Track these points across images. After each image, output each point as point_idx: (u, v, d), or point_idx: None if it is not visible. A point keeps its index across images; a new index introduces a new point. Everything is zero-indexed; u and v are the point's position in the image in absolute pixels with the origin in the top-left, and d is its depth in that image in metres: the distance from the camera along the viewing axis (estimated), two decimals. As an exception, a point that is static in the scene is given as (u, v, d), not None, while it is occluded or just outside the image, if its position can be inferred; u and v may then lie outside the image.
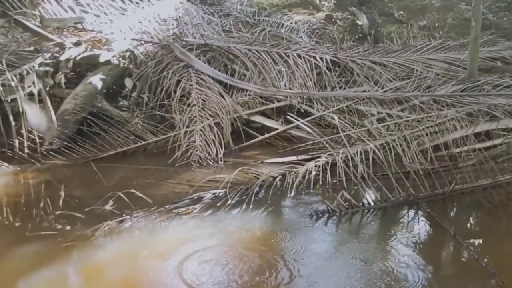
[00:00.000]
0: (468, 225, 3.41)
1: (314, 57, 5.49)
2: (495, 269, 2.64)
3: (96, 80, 4.91)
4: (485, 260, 2.73)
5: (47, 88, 4.76)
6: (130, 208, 3.23)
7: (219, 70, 5.25)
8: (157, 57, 5.33)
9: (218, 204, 3.40)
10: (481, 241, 3.06)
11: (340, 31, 6.57)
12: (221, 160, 4.29)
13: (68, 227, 3.03)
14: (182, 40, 5.55)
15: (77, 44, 5.26)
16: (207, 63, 5.29)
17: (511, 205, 3.51)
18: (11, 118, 4.28)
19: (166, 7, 6.36)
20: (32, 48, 5.12)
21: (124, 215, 3.15)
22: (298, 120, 4.71)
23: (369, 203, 3.37)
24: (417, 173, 3.67)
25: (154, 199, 3.36)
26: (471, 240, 3.00)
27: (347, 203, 3.30)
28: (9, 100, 4.34)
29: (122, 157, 4.43)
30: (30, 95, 4.51)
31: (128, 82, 5.13)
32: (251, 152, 4.52)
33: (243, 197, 3.51)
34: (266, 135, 4.71)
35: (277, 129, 4.75)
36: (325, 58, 5.48)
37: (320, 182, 3.80)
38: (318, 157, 4.06)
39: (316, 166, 3.93)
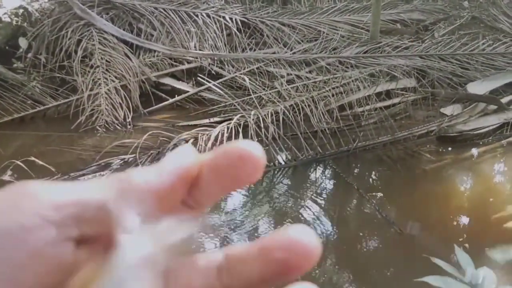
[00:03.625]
0: (370, 179, 3.65)
1: (223, 17, 5.40)
2: (394, 219, 2.87)
3: (-16, 39, 4.45)
4: (386, 211, 2.95)
5: None
6: (31, 177, 3.02)
7: (124, 30, 4.98)
8: (54, 15, 4.91)
9: (128, 170, 3.29)
10: (381, 194, 3.30)
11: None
12: (129, 125, 4.13)
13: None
14: (82, -4, 5.16)
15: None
16: (110, 22, 4.99)
17: (408, 160, 3.80)
18: None
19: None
20: None
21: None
22: (209, 82, 4.64)
23: (279, 163, 3.46)
24: (324, 132, 3.82)
25: (57, 167, 3.17)
26: (373, 193, 3.22)
27: (258, 164, 3.36)
28: None
29: (19, 123, 4.09)
30: None
31: (23, 42, 4.70)
32: (162, 116, 4.40)
33: (155, 162, 3.43)
34: (177, 98, 4.60)
35: (188, 91, 4.65)
36: (235, 19, 5.41)
37: (232, 144, 3.81)
38: (230, 119, 4.06)
39: (228, 128, 3.93)
